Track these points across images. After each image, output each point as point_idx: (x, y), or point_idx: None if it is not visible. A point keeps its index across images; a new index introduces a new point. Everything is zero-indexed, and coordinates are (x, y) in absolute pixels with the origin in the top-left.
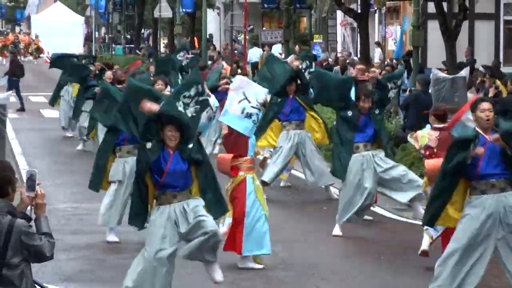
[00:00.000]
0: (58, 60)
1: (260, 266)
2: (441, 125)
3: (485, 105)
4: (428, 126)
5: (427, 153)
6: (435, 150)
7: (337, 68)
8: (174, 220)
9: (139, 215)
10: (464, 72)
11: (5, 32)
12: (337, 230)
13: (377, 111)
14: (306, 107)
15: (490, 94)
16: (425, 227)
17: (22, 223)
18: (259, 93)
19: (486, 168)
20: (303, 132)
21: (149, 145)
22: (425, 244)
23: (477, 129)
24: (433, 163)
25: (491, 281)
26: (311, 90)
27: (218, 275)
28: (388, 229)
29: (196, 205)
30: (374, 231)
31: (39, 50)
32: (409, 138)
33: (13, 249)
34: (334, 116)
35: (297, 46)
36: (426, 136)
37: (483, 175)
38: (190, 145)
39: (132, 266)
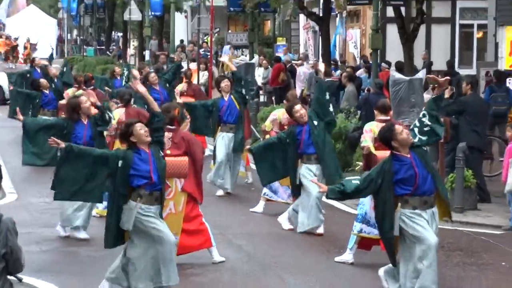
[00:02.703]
0: None
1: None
2: (385, 117)
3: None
4: (371, 122)
5: (376, 144)
6: None
7: (311, 72)
8: None
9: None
10: (421, 74)
11: None
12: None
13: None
14: None
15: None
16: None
17: (9, 219)
18: None
19: None
20: None
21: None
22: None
23: None
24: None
25: (452, 284)
26: None
27: None
28: (351, 223)
29: None
30: (337, 225)
31: (29, 55)
32: (365, 135)
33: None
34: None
35: (257, 49)
36: (375, 128)
37: None
38: None
39: None
